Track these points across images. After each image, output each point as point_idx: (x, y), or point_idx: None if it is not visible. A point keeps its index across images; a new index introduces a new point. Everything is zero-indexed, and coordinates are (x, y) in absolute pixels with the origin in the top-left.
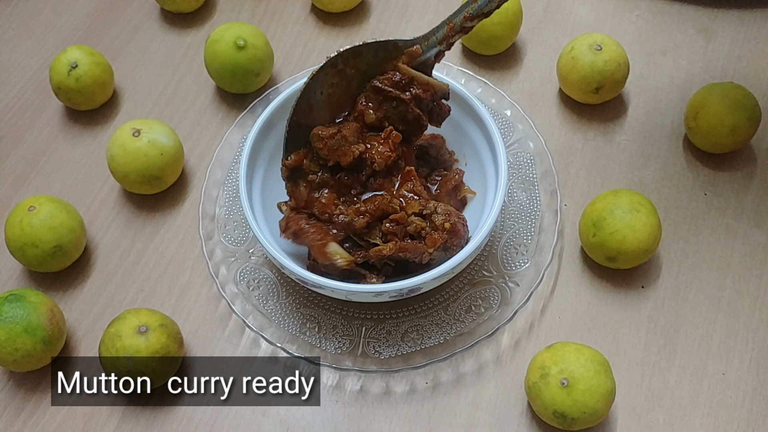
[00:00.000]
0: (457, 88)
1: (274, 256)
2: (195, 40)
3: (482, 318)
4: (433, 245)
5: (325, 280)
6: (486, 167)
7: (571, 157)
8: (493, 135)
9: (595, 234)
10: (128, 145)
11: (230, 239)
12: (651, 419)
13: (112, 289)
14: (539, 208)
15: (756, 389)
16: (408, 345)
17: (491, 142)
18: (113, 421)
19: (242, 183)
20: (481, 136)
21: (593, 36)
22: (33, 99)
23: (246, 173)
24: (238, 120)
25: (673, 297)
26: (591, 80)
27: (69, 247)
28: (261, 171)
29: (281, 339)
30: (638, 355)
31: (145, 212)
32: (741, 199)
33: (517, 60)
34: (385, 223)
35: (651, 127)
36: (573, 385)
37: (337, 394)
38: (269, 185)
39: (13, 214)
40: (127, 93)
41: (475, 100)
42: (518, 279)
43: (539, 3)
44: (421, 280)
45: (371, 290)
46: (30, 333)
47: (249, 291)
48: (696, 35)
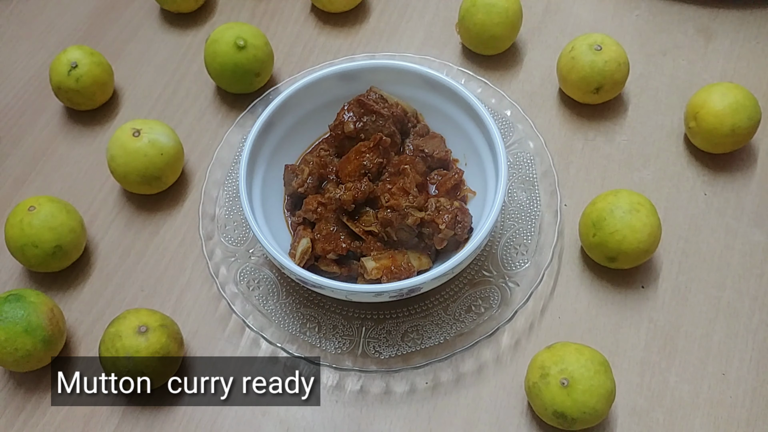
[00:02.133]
0: (457, 88)
1: (273, 255)
2: (195, 41)
3: (482, 318)
4: (444, 223)
5: (325, 280)
6: (486, 167)
7: (571, 157)
8: (493, 135)
9: (595, 234)
10: (128, 145)
11: (230, 239)
12: (651, 419)
13: (112, 289)
14: (539, 208)
15: (756, 389)
16: (408, 345)
17: (491, 141)
18: (113, 421)
19: (242, 183)
20: (480, 136)
21: (593, 36)
22: (33, 99)
23: (246, 173)
24: (238, 120)
25: (673, 297)
26: (591, 80)
27: (69, 247)
28: (261, 171)
29: (281, 339)
30: (638, 355)
31: (145, 212)
32: (741, 199)
33: (517, 60)
34: (382, 210)
35: (651, 127)
36: (573, 385)
37: (337, 394)
38: (269, 184)
39: (14, 214)
40: (127, 93)
41: (474, 100)
42: (518, 279)
43: (539, 3)
44: (420, 280)
45: (371, 290)
46: (30, 333)
47: (249, 291)
48: (696, 35)
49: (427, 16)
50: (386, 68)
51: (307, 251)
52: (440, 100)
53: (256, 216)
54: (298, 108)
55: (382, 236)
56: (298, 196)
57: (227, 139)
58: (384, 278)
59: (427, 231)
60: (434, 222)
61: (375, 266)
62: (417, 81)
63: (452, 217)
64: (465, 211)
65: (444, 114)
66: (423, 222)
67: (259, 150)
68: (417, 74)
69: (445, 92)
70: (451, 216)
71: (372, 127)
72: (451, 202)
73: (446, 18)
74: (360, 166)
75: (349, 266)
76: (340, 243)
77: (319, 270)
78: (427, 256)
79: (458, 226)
